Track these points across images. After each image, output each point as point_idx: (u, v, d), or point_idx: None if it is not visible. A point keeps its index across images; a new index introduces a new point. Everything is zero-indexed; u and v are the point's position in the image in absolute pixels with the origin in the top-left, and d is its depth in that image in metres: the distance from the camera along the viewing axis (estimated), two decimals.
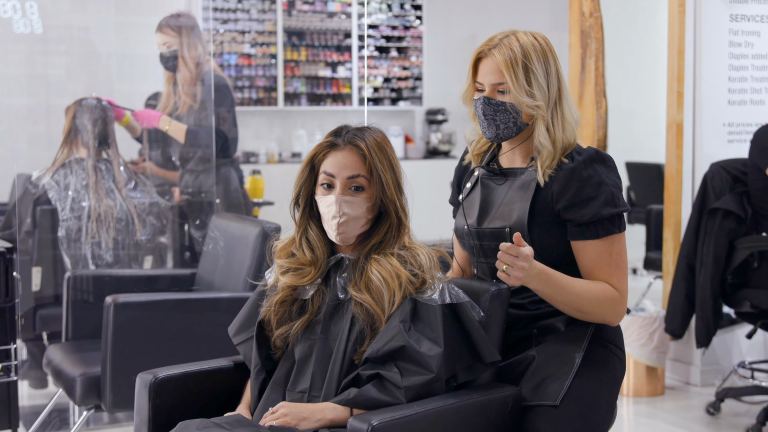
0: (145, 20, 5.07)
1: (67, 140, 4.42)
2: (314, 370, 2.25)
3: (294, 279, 2.33)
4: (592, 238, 2.33)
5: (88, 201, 4.32)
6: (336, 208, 2.27)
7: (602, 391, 2.36)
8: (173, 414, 2.36)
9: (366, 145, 2.28)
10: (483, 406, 2.25)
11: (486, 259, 2.47)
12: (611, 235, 2.33)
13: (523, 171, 2.43)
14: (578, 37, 4.74)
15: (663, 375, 4.71)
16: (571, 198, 2.33)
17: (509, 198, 2.42)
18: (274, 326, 2.34)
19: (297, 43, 9.55)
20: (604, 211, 2.31)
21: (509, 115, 2.38)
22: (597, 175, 2.33)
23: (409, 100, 10.04)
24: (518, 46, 2.36)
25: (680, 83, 4.77)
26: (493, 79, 2.38)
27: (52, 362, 3.59)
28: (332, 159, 2.30)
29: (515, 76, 2.35)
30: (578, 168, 2.34)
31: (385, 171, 2.29)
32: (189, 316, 3.49)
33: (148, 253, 4.49)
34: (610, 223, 2.33)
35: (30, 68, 4.67)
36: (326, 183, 2.30)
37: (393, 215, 2.31)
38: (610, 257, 2.34)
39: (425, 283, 2.26)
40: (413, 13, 9.98)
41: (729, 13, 4.80)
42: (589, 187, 2.32)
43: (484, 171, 2.52)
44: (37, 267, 4.33)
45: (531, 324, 2.43)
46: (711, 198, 4.29)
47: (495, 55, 2.37)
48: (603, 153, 2.38)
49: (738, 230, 4.18)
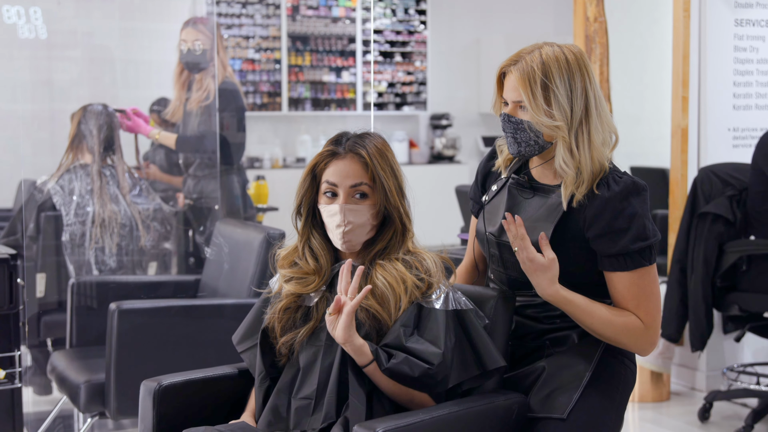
0: (149, 26, 5.07)
1: (72, 146, 4.42)
2: (320, 377, 2.24)
3: (298, 287, 2.32)
4: (621, 270, 2.28)
5: (92, 206, 4.32)
6: (341, 217, 2.26)
7: (611, 404, 2.34)
8: (178, 421, 2.35)
9: (367, 152, 2.28)
10: (488, 413, 2.24)
11: (504, 270, 2.43)
12: (641, 268, 2.28)
13: (552, 190, 2.36)
14: (583, 42, 4.73)
15: (668, 380, 4.70)
16: (602, 228, 2.27)
17: (535, 216, 2.36)
18: (278, 333, 2.33)
19: (301, 48, 9.55)
20: (635, 245, 2.25)
21: (529, 133, 2.32)
22: (631, 207, 2.26)
23: (413, 105, 10.04)
24: (539, 62, 2.27)
25: (685, 88, 4.76)
26: (513, 96, 2.32)
27: (56, 369, 3.58)
28: (334, 168, 2.29)
29: (532, 94, 2.27)
30: (613, 199, 2.26)
31: (388, 177, 2.28)
32: (193, 323, 3.48)
33: (152, 259, 4.49)
34: (640, 256, 2.27)
35: (34, 74, 4.67)
36: (329, 192, 2.29)
37: (397, 221, 2.30)
38: (639, 289, 2.28)
39: (431, 287, 2.25)
40: (417, 18, 9.98)
41: (734, 18, 4.80)
42: (621, 219, 2.26)
43: (513, 180, 2.45)
44: (41, 273, 4.33)
45: (544, 335, 2.40)
46: (701, 202, 4.32)
47: (513, 72, 2.30)
48: (639, 183, 2.29)
49: (727, 234, 4.19)
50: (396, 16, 9.92)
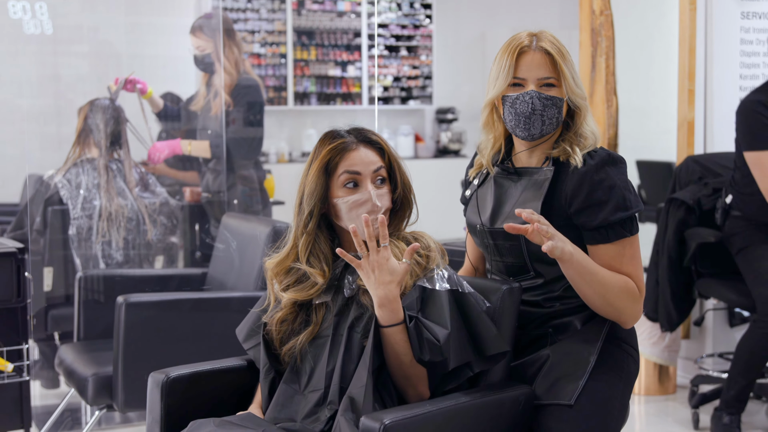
0: (155, 20, 5.08)
1: (79, 140, 4.44)
2: (327, 370, 2.24)
3: (299, 293, 2.30)
4: (604, 243, 2.31)
5: (99, 200, 4.34)
6: (377, 203, 2.26)
7: (616, 391, 2.35)
8: (185, 413, 2.36)
9: (379, 139, 2.32)
10: (495, 404, 2.24)
11: (501, 258, 2.46)
12: (623, 239, 2.31)
13: (537, 170, 2.41)
14: (589, 35, 4.73)
15: (674, 374, 4.70)
16: (582, 202, 2.31)
17: (523, 197, 2.40)
18: (277, 345, 2.33)
19: (307, 43, 9.55)
20: (615, 216, 2.29)
21: (555, 110, 2.36)
22: (609, 179, 2.31)
23: (419, 99, 10.03)
24: (557, 40, 2.37)
25: (691, 81, 4.76)
26: (541, 73, 2.36)
27: (64, 362, 3.60)
28: (351, 158, 2.28)
29: (567, 68, 2.35)
30: (590, 171, 2.31)
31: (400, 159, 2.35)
32: (200, 316, 3.49)
33: (158, 253, 4.50)
34: (621, 227, 2.30)
35: (40, 69, 4.68)
36: (351, 182, 2.28)
37: (411, 200, 2.35)
38: (623, 260, 2.32)
39: (430, 261, 2.26)
40: (423, 12, 9.98)
41: (740, 10, 4.79)
42: (600, 191, 2.30)
43: (498, 170, 2.50)
44: (48, 267, 4.35)
45: (546, 323, 2.42)
46: (676, 189, 4.42)
47: (545, 47, 2.35)
48: (615, 155, 2.35)
49: (688, 221, 4.28)
50: (401, 10, 9.92)
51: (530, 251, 2.39)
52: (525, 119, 2.36)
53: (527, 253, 2.39)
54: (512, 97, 2.37)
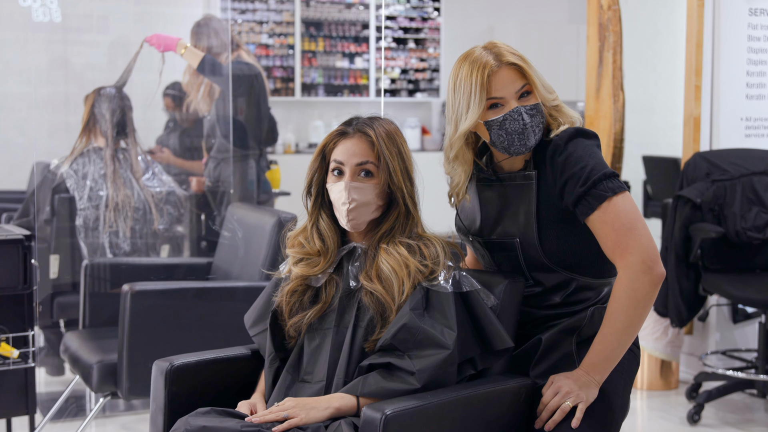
0: (163, 10, 5.08)
1: (85, 129, 4.44)
2: (329, 361, 2.26)
3: (305, 269, 2.36)
4: (591, 213, 2.26)
5: (106, 190, 4.35)
6: (346, 194, 2.29)
7: (617, 383, 2.36)
8: (189, 401, 2.37)
9: (374, 132, 2.32)
10: (496, 396, 2.25)
11: (499, 268, 2.46)
12: (605, 202, 2.24)
13: (521, 174, 2.37)
14: (596, 30, 4.73)
15: (677, 369, 4.71)
16: (562, 180, 2.28)
17: (510, 201, 2.38)
18: (286, 316, 2.36)
19: (315, 34, 9.55)
20: (589, 181, 2.24)
21: (540, 116, 2.33)
22: (577, 150, 2.28)
23: (426, 92, 10.03)
24: (512, 48, 2.34)
25: (698, 77, 4.75)
26: (515, 87, 2.32)
27: (69, 349, 3.62)
28: (342, 147, 2.33)
29: (533, 70, 2.33)
30: (559, 146, 2.30)
31: (393, 158, 2.31)
32: (205, 305, 3.51)
33: (165, 242, 4.51)
34: (598, 191, 2.24)
35: (49, 57, 4.69)
36: (337, 170, 2.32)
37: (401, 202, 2.32)
38: (615, 224, 2.24)
39: (434, 273, 2.26)
40: (431, 4, 9.97)
41: (748, 7, 4.78)
42: (570, 163, 2.27)
43: (480, 178, 2.47)
44: (54, 255, 4.36)
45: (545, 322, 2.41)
46: (684, 186, 4.41)
47: (510, 61, 2.31)
48: (581, 128, 2.32)
49: (693, 217, 4.29)
50: (410, 2, 9.91)
51: (527, 260, 2.37)
52: (518, 136, 2.32)
53: (524, 262, 2.38)
54: (499, 119, 2.31)
